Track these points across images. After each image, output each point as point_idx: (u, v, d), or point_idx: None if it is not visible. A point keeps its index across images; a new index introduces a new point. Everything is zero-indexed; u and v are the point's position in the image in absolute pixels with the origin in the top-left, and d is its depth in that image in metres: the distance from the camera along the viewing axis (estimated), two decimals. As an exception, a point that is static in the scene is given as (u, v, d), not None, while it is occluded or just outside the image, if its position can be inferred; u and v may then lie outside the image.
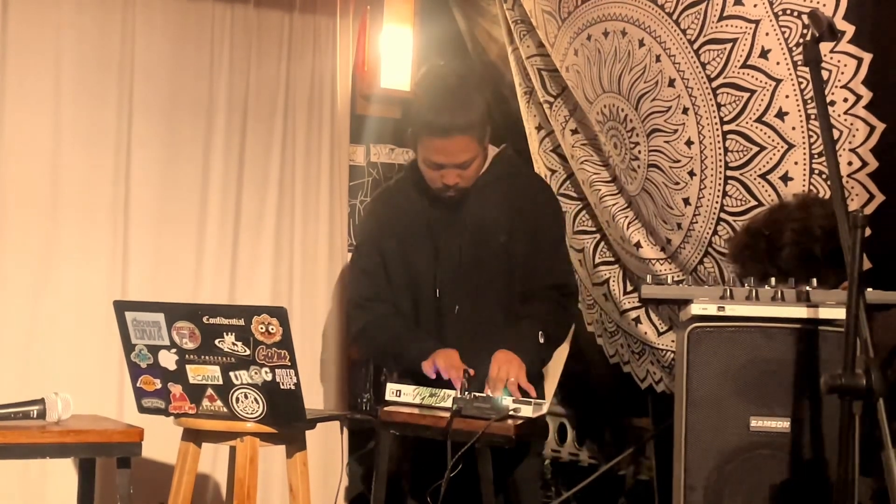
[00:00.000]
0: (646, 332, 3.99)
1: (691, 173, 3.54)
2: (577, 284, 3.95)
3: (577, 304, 4.01)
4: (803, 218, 2.95)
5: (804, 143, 3.24)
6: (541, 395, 3.65)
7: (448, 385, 3.47)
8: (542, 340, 3.66)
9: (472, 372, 3.49)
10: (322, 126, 4.84)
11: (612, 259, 4.19)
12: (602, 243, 4.23)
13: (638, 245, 3.90)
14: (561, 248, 3.89)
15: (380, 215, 3.92)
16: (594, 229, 4.27)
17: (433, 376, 3.54)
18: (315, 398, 4.60)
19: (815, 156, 3.22)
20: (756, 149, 3.33)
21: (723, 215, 3.47)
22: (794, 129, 3.24)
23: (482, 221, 3.74)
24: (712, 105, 3.43)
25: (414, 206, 3.81)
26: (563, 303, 3.81)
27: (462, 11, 4.91)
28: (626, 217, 3.96)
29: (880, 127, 3.06)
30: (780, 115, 3.26)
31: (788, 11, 3.22)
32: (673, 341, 3.90)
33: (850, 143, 3.11)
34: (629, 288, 4.11)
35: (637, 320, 4.02)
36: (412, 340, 3.69)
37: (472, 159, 3.65)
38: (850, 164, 3.10)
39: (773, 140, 3.28)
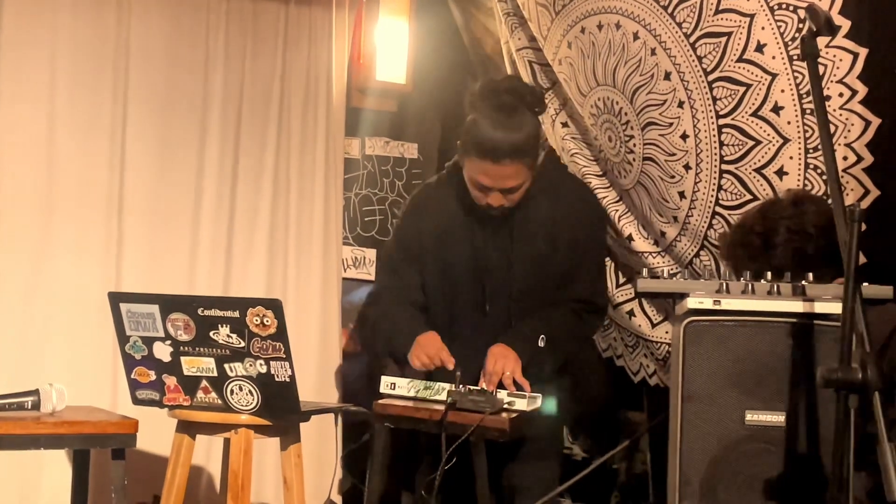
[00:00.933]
0: (640, 325, 4.00)
1: (687, 167, 3.54)
2: (605, 304, 3.91)
3: (600, 321, 3.97)
4: (796, 215, 2.94)
5: (799, 137, 3.24)
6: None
7: (442, 378, 3.47)
8: (541, 344, 3.63)
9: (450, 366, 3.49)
10: (317, 118, 4.83)
11: (603, 253, 4.19)
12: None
13: (630, 238, 3.90)
14: (598, 264, 3.85)
15: (419, 215, 3.85)
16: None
17: (421, 368, 3.54)
18: (310, 390, 4.60)
19: (811, 150, 3.22)
20: (751, 143, 3.33)
21: (718, 209, 3.47)
22: (789, 123, 3.25)
23: (526, 235, 3.68)
24: (708, 99, 3.43)
25: (455, 211, 3.74)
26: (584, 316, 3.76)
27: (458, 4, 4.91)
28: (617, 210, 3.96)
29: (876, 122, 3.06)
30: (776, 109, 3.26)
31: (784, 6, 3.22)
32: (667, 332, 3.91)
33: (845, 137, 3.11)
34: (622, 280, 4.11)
35: (631, 313, 4.02)
36: (402, 329, 3.69)
37: (521, 185, 3.57)
38: (845, 158, 3.10)
39: (768, 134, 3.28)
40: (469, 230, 3.71)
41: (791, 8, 3.20)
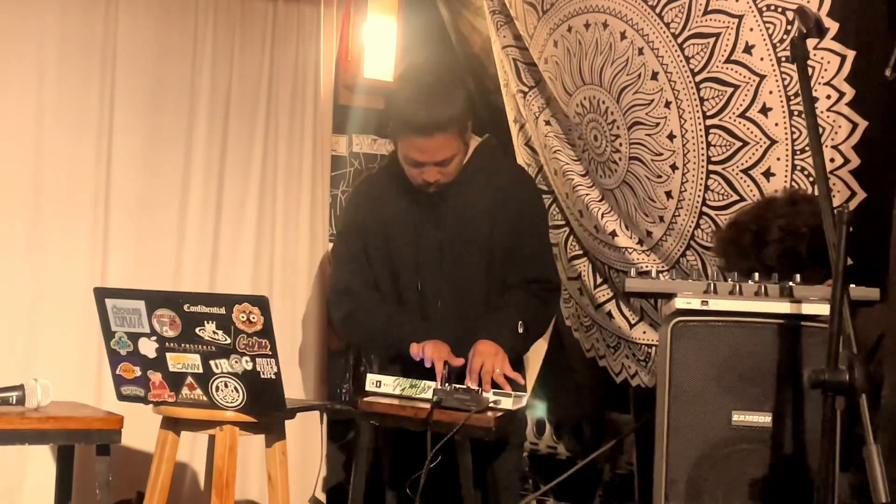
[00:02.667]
0: (620, 327, 4.01)
1: (673, 167, 3.55)
2: (559, 281, 3.94)
3: (557, 299, 4.01)
4: (791, 214, 2.96)
5: (787, 139, 3.25)
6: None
7: (428, 375, 3.47)
8: (521, 331, 3.65)
9: (457, 362, 3.50)
10: (305, 115, 4.83)
11: (580, 252, 4.20)
12: (571, 237, 4.24)
13: (613, 234, 3.91)
14: (542, 242, 3.87)
15: (362, 204, 3.90)
16: (563, 223, 4.27)
17: (417, 358, 3.54)
18: (295, 388, 4.59)
19: (798, 152, 3.23)
20: (739, 144, 3.34)
21: (705, 209, 3.48)
22: (776, 125, 3.26)
23: (463, 214, 3.73)
24: (695, 99, 3.44)
25: (396, 197, 3.80)
26: (544, 297, 3.79)
27: (446, 2, 4.90)
28: (600, 208, 3.96)
29: (862, 124, 3.07)
30: (764, 110, 3.27)
31: (772, 7, 3.23)
32: (644, 333, 3.92)
33: (832, 139, 3.12)
34: (599, 280, 4.11)
35: (609, 314, 4.03)
36: (403, 322, 3.70)
37: (453, 157, 3.64)
38: (832, 160, 3.11)
39: (755, 135, 3.29)
40: (410, 213, 3.76)
41: (779, 10, 3.21)
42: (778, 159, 3.25)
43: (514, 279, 3.75)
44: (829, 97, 3.12)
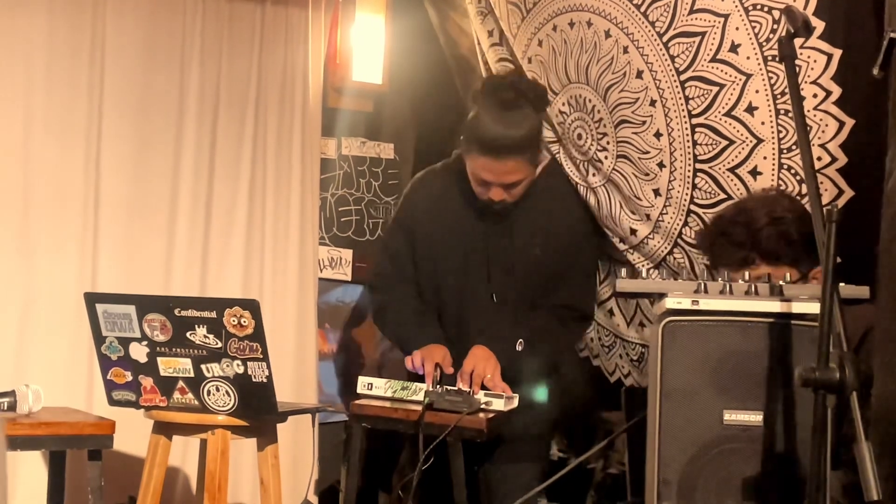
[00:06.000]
0: (618, 324, 4.01)
1: (661, 164, 3.55)
2: (590, 312, 3.93)
3: (582, 328, 3.99)
4: (772, 203, 2.98)
5: (773, 138, 3.25)
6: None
7: (423, 379, 3.49)
8: (518, 348, 3.66)
9: (448, 369, 3.51)
10: (293, 118, 4.83)
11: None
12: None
13: None
14: (584, 272, 3.86)
15: (418, 200, 3.90)
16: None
17: (411, 369, 3.55)
18: (286, 391, 4.59)
19: (785, 151, 3.24)
20: (725, 142, 3.34)
21: (693, 207, 3.48)
22: (763, 123, 3.26)
23: (518, 233, 3.75)
24: (680, 98, 3.44)
25: (453, 200, 3.80)
26: (568, 323, 3.80)
27: (433, 5, 4.90)
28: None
29: (849, 123, 3.08)
30: (750, 109, 3.28)
31: (759, 6, 3.23)
32: (636, 333, 3.93)
33: (819, 138, 3.12)
34: (602, 276, 4.11)
35: (611, 312, 4.03)
36: (414, 330, 3.71)
37: (521, 180, 3.64)
38: (819, 159, 3.12)
39: (742, 134, 3.30)
40: (467, 219, 3.76)
41: (766, 9, 3.22)
42: (765, 158, 3.26)
43: (544, 302, 3.76)
44: (815, 96, 3.12)
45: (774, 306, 2.47)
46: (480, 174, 3.62)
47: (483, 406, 3.35)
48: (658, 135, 3.53)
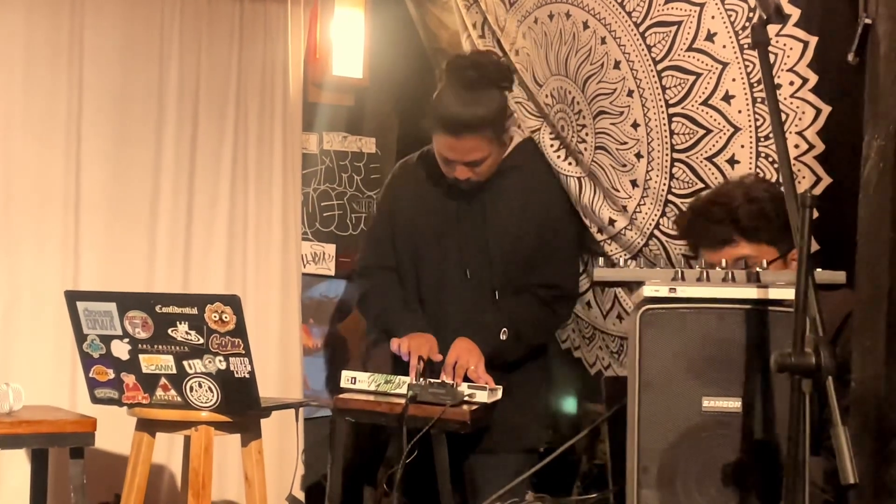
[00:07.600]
0: (596, 317, 4.02)
1: (638, 155, 3.56)
2: (573, 289, 3.92)
3: (570, 307, 3.98)
4: (745, 185, 3.01)
5: (750, 126, 3.26)
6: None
7: (406, 370, 3.49)
8: (503, 337, 3.66)
9: (436, 357, 3.52)
10: (274, 114, 4.83)
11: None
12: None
13: None
14: (562, 249, 3.85)
15: (397, 188, 3.96)
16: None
17: (396, 352, 3.56)
18: (270, 386, 4.59)
19: (762, 139, 3.24)
20: (702, 132, 3.35)
21: (670, 197, 3.49)
22: (740, 112, 3.26)
23: (491, 212, 3.76)
24: (657, 88, 3.44)
25: (428, 185, 3.85)
26: (551, 303, 3.79)
27: (413, -1, 4.91)
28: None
29: (826, 110, 3.08)
30: (727, 98, 3.28)
31: (735, -6, 3.24)
32: (614, 325, 3.93)
33: (796, 125, 3.13)
34: (580, 270, 4.12)
35: (588, 304, 4.04)
36: (398, 316, 3.73)
37: (484, 158, 3.66)
38: (796, 146, 3.12)
39: (719, 123, 3.30)
40: (440, 201, 3.80)
41: (742, -3, 3.22)
42: (742, 146, 3.26)
43: (524, 282, 3.76)
44: (792, 83, 3.12)
45: (752, 293, 2.48)
46: (444, 153, 3.67)
47: (466, 398, 3.35)
48: (636, 125, 3.54)
